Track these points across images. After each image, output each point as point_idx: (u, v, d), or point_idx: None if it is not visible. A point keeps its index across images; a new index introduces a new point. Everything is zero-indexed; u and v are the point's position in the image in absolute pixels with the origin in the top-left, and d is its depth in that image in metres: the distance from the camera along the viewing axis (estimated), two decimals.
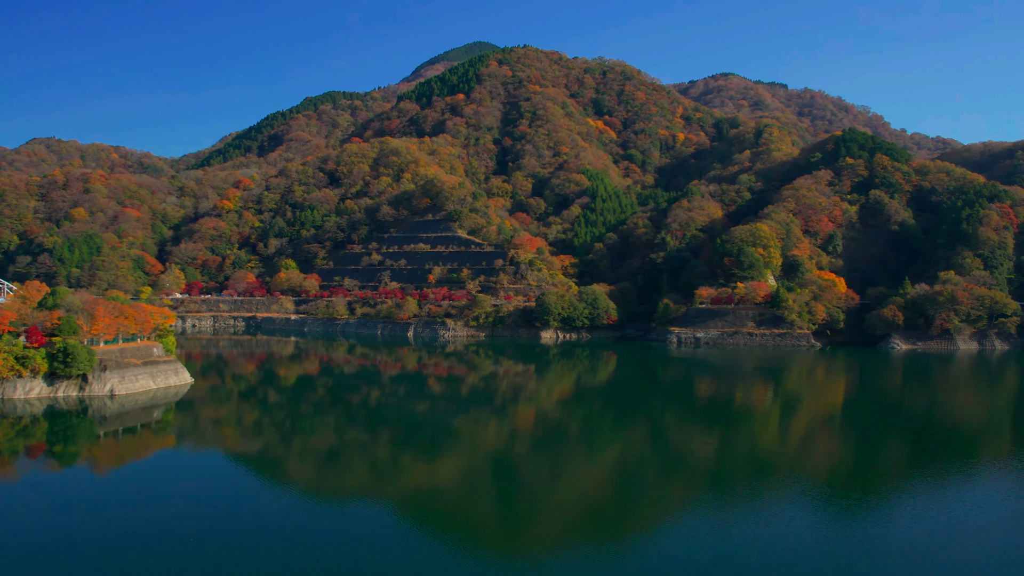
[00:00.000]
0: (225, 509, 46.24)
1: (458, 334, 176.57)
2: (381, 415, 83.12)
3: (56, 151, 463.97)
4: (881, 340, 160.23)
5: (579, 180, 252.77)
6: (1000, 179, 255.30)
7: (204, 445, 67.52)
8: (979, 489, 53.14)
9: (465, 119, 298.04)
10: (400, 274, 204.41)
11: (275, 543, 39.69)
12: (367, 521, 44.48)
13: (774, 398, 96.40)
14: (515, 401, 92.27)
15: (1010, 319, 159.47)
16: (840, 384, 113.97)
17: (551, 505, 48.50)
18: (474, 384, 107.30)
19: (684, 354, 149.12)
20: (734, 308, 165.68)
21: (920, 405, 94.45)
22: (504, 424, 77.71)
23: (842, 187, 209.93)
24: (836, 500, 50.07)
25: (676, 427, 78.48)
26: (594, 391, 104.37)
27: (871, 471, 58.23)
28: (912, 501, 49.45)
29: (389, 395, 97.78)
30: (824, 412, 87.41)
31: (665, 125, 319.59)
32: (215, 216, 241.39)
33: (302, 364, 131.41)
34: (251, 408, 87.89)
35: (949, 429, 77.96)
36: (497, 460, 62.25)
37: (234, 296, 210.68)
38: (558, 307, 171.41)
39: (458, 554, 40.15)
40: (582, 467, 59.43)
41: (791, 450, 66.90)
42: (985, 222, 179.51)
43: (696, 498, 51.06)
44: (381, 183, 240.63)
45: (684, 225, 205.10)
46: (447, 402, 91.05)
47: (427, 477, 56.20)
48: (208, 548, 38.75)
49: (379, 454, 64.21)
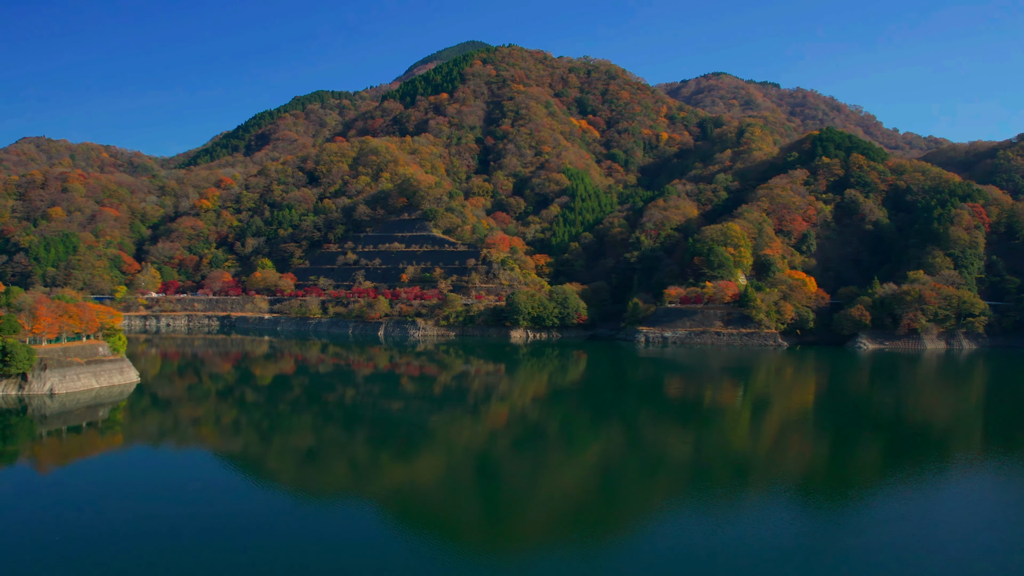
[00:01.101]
0: (176, 509, 45.93)
1: (428, 333, 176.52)
2: (356, 415, 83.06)
3: (45, 150, 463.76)
4: (848, 340, 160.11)
5: (559, 179, 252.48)
6: (981, 178, 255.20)
7: (152, 443, 67.10)
8: (952, 487, 53.56)
9: (448, 118, 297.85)
10: (374, 273, 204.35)
11: (241, 543, 39.69)
12: (343, 521, 44.28)
13: (741, 399, 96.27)
14: (488, 401, 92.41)
15: (978, 319, 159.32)
16: (803, 384, 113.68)
17: (531, 504, 48.83)
18: (446, 383, 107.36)
19: (652, 354, 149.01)
20: (703, 308, 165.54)
21: (882, 405, 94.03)
22: (479, 424, 77.81)
23: (818, 186, 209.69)
24: (812, 499, 50.32)
25: (649, 427, 78.35)
26: (564, 391, 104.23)
27: (844, 471, 58.36)
28: (887, 499, 49.94)
29: (364, 394, 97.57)
30: (789, 412, 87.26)
31: (649, 124, 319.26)
32: (193, 215, 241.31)
33: (266, 363, 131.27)
34: (201, 406, 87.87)
35: (914, 431, 77.36)
36: (474, 459, 62.47)
37: (209, 295, 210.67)
38: (528, 306, 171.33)
39: (442, 552, 40.32)
40: (558, 466, 59.56)
41: (762, 450, 66.87)
42: (956, 221, 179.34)
43: (675, 497, 51.26)
44: (360, 182, 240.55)
45: (659, 225, 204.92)
46: (421, 401, 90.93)
47: (405, 477, 56.17)
48: (158, 548, 38.50)
49: (355, 454, 64.33)
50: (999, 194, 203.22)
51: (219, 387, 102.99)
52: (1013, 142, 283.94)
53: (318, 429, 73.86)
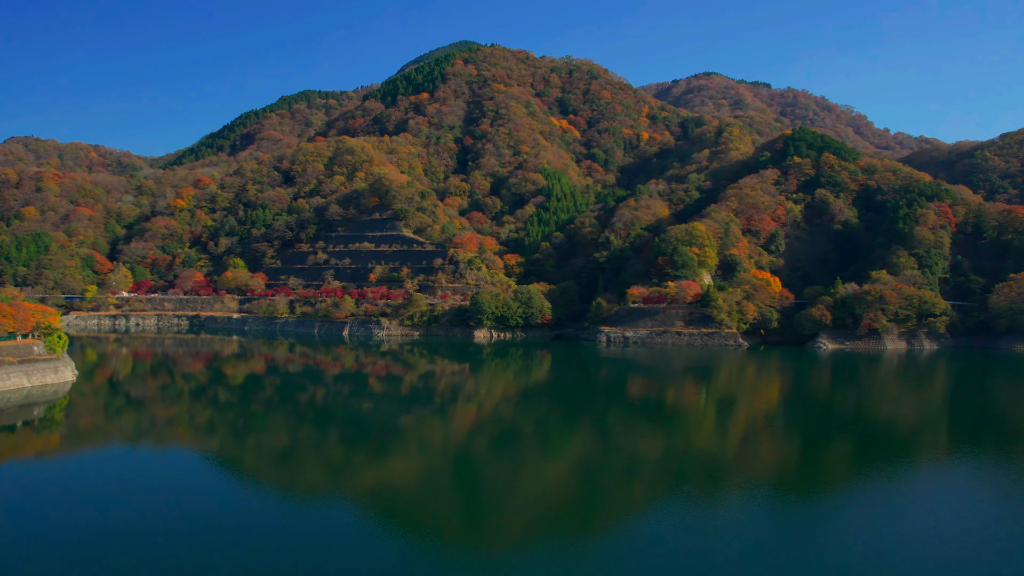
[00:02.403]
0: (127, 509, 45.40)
1: (392, 333, 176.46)
2: (321, 415, 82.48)
3: (34, 150, 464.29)
4: (810, 340, 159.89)
5: (536, 179, 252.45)
6: (959, 178, 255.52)
7: (89, 443, 66.72)
8: (919, 486, 53.74)
9: (428, 118, 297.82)
10: (344, 273, 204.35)
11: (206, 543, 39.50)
12: (320, 521, 43.80)
13: (703, 400, 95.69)
14: (455, 401, 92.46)
15: (939, 319, 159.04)
16: (756, 385, 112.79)
17: (506, 501, 49.02)
18: (413, 383, 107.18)
19: (613, 353, 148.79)
20: (665, 307, 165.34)
21: (833, 404, 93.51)
22: (449, 424, 77.92)
23: (788, 186, 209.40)
24: (785, 496, 50.52)
25: (613, 426, 78.09)
26: (528, 391, 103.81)
27: (811, 469, 58.53)
28: (859, 497, 50.21)
29: (333, 395, 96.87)
30: (748, 413, 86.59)
31: (630, 124, 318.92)
32: (168, 215, 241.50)
33: (224, 363, 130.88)
34: (139, 405, 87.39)
35: (873, 431, 76.58)
36: (448, 458, 62.53)
37: (180, 295, 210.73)
38: (491, 306, 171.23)
39: (424, 549, 40.40)
40: (528, 464, 59.67)
41: (727, 450, 66.77)
42: (922, 221, 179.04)
43: (649, 495, 51.26)
44: (334, 182, 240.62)
45: (629, 224, 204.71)
46: (391, 401, 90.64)
47: (382, 476, 56.00)
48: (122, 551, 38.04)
49: (322, 455, 63.54)
50: (969, 194, 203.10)
51: (191, 386, 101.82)
52: (994, 142, 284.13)
53: (281, 429, 72.94)
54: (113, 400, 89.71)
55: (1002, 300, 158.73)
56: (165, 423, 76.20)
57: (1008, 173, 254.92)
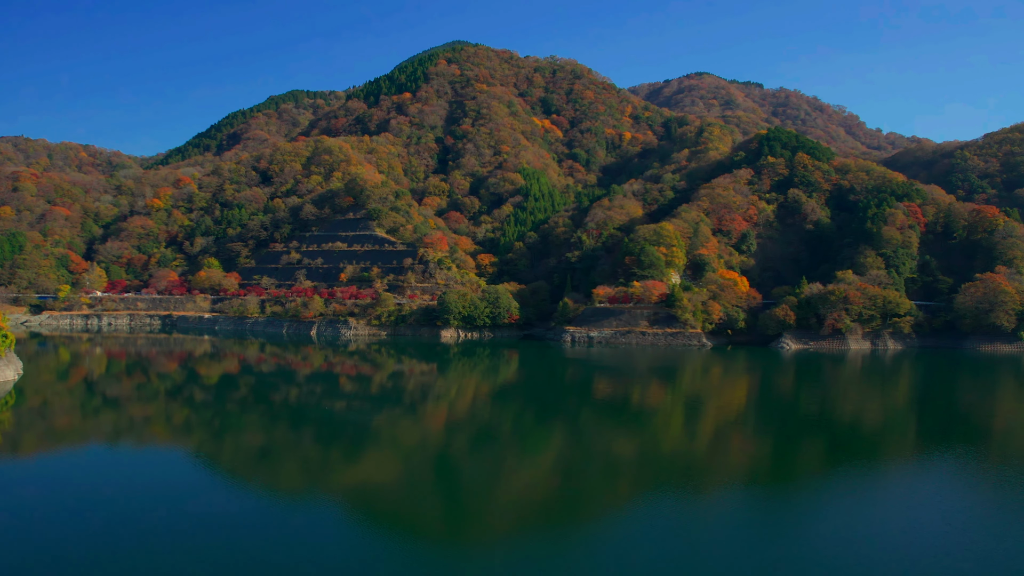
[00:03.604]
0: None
1: (359, 333, 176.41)
2: (302, 415, 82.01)
3: (23, 149, 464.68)
4: (774, 340, 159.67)
5: (514, 179, 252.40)
6: (938, 177, 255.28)
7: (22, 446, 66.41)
8: (891, 485, 53.58)
9: (409, 118, 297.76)
10: (316, 273, 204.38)
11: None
12: (298, 520, 43.41)
13: (659, 400, 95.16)
14: (425, 400, 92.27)
15: (903, 319, 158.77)
16: (712, 385, 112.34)
17: (483, 498, 49.29)
18: (383, 383, 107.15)
19: (577, 353, 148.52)
20: (631, 307, 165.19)
21: (787, 404, 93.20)
22: (421, 423, 77.98)
23: (762, 186, 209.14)
24: (756, 495, 50.66)
25: (579, 425, 78.05)
26: (496, 391, 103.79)
27: (779, 470, 58.49)
28: (833, 495, 50.39)
29: (306, 394, 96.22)
30: (704, 413, 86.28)
31: (612, 124, 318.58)
32: (144, 215, 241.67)
33: (187, 361, 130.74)
34: (87, 404, 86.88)
35: (829, 431, 75.84)
36: (424, 457, 62.56)
37: (153, 294, 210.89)
38: (458, 306, 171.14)
39: (408, 545, 40.56)
40: (501, 462, 59.84)
41: (692, 448, 66.85)
42: (890, 221, 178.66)
43: (623, 492, 51.30)
44: (311, 182, 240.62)
45: (601, 224, 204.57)
46: (363, 401, 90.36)
47: (361, 475, 55.92)
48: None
49: (294, 456, 62.99)
50: (941, 194, 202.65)
51: (167, 385, 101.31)
52: (976, 142, 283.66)
53: (254, 428, 72.54)
54: (57, 400, 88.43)
55: (968, 300, 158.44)
56: (113, 423, 75.17)
57: (987, 173, 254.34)
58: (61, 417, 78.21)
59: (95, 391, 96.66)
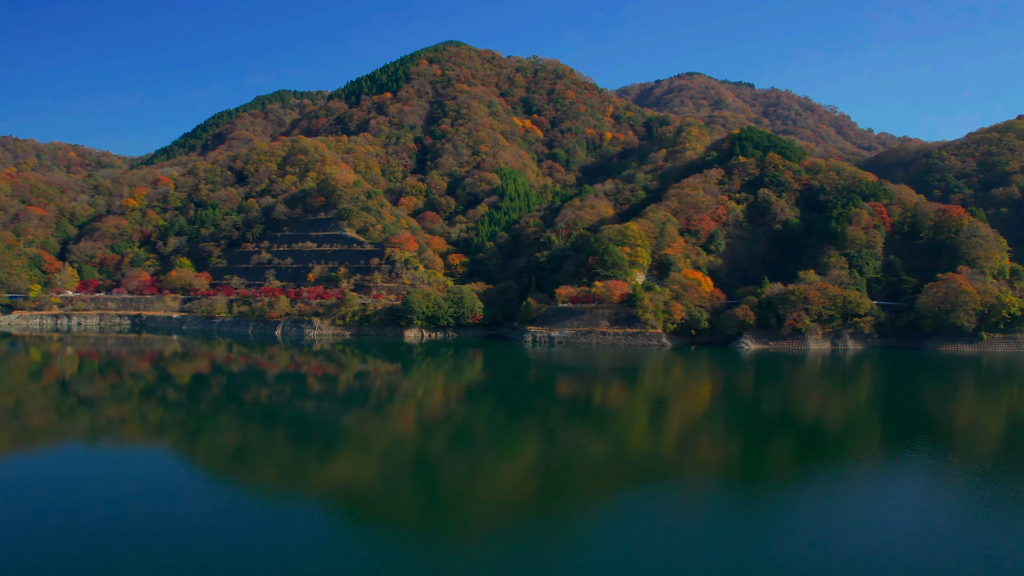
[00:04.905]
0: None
1: (323, 333, 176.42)
2: (273, 415, 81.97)
3: (11, 149, 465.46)
4: (734, 340, 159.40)
5: (490, 179, 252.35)
6: (915, 177, 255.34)
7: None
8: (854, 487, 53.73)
9: (389, 118, 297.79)
10: (285, 273, 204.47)
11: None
12: (273, 520, 43.53)
13: (603, 401, 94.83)
14: (391, 400, 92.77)
15: (864, 319, 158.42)
16: (665, 385, 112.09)
17: (458, 495, 50.04)
18: (350, 383, 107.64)
19: (537, 353, 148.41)
20: (593, 307, 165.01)
21: (744, 405, 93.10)
22: (391, 422, 78.56)
23: (732, 186, 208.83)
24: (725, 493, 51.22)
25: (539, 423, 78.26)
26: (462, 391, 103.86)
27: (746, 468, 58.72)
28: (805, 494, 50.82)
29: (277, 394, 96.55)
30: (659, 413, 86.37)
31: (593, 124, 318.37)
32: (119, 215, 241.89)
33: (156, 361, 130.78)
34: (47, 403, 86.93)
35: (784, 432, 75.72)
36: (393, 454, 63.12)
37: (124, 294, 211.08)
38: (422, 306, 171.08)
39: (389, 542, 40.87)
40: (472, 460, 60.39)
41: (656, 447, 67.28)
42: (855, 221, 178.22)
43: (595, 492, 51.42)
44: (286, 182, 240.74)
45: (571, 224, 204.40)
46: (331, 401, 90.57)
47: (338, 475, 56.07)
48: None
49: (276, 454, 63.24)
50: (910, 193, 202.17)
51: (140, 385, 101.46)
52: (955, 142, 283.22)
53: (228, 429, 72.83)
54: (31, 400, 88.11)
55: (929, 300, 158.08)
56: (88, 423, 75.08)
57: (964, 173, 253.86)
58: (35, 417, 78.29)
59: (69, 391, 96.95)
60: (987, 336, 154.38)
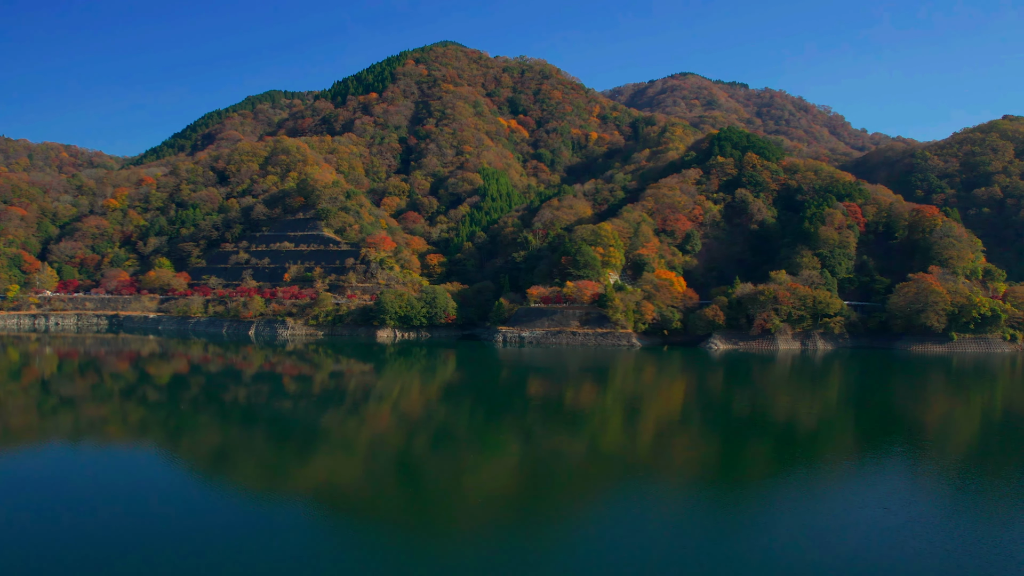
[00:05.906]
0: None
1: (297, 333, 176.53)
2: (252, 414, 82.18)
3: (3, 150, 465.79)
4: (703, 340, 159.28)
5: (473, 179, 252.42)
6: (898, 177, 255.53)
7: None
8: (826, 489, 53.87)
9: (374, 118, 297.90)
10: (262, 273, 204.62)
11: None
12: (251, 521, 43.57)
13: (593, 401, 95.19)
14: (367, 400, 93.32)
15: (834, 319, 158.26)
16: (638, 386, 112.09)
17: (440, 493, 50.42)
18: (324, 383, 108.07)
19: (508, 353, 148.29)
20: (564, 307, 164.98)
21: (710, 405, 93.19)
22: (368, 422, 78.85)
23: (710, 186, 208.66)
24: (698, 493, 51.51)
25: (511, 421, 78.66)
26: (434, 390, 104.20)
27: (722, 469, 58.95)
28: (783, 495, 51.07)
29: (254, 394, 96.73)
30: (625, 415, 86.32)
31: (579, 124, 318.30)
32: (100, 215, 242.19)
33: (145, 361, 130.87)
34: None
35: (749, 433, 75.51)
36: (373, 452, 63.56)
37: (102, 294, 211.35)
38: (395, 306, 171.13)
39: (374, 542, 41.03)
40: (451, 459, 60.80)
41: (628, 447, 67.50)
42: (828, 221, 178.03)
43: (575, 490, 51.67)
44: (267, 182, 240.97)
45: (549, 224, 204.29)
46: (308, 401, 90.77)
47: (320, 474, 56.08)
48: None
49: (257, 454, 63.25)
50: (886, 193, 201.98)
51: (120, 385, 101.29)
52: (939, 142, 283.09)
53: (205, 428, 72.97)
54: (10, 400, 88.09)
55: (900, 301, 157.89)
56: (71, 422, 75.08)
57: (947, 173, 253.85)
58: (15, 417, 78.22)
59: (49, 390, 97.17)
60: (957, 336, 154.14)
